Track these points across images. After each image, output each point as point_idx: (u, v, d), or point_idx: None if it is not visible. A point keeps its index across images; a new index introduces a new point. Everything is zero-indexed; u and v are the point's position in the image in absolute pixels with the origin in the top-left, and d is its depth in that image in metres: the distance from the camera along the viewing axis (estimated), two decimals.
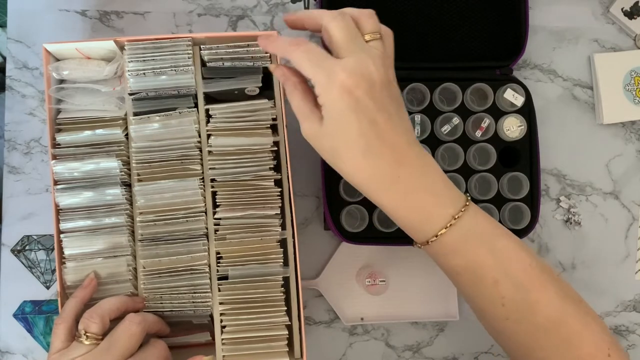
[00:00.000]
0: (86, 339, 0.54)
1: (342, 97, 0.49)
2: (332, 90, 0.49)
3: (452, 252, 0.55)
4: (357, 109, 0.50)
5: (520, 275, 0.54)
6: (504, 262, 0.54)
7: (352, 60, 0.50)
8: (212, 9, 0.77)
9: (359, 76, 0.49)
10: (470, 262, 0.55)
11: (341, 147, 0.52)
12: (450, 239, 0.54)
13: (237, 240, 0.61)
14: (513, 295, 0.54)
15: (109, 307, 0.56)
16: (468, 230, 0.54)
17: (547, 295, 0.54)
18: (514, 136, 0.73)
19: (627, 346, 0.79)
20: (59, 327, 0.56)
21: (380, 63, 0.51)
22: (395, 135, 0.52)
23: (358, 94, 0.49)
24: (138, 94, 0.62)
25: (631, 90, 0.80)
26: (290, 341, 0.62)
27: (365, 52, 0.51)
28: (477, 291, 0.56)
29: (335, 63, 0.50)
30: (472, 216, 0.55)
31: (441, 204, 0.54)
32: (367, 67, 0.50)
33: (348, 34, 0.51)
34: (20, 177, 0.73)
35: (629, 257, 0.79)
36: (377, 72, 0.50)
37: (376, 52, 0.51)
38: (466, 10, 0.75)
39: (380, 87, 0.51)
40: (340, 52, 0.50)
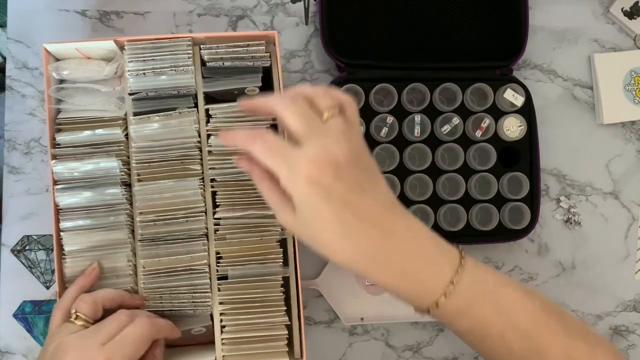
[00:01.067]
0: (76, 319, 0.55)
1: (309, 189, 0.47)
2: (297, 183, 0.47)
3: (454, 316, 0.54)
4: (328, 197, 0.48)
5: (525, 323, 0.53)
6: (508, 315, 0.53)
7: (313, 148, 0.47)
8: (212, 9, 0.77)
9: (322, 163, 0.47)
10: (475, 323, 0.53)
11: (319, 235, 0.50)
12: (451, 305, 0.52)
13: (237, 240, 0.61)
14: (520, 345, 0.53)
15: (104, 294, 0.57)
16: (468, 292, 0.53)
17: (553, 338, 0.54)
18: (514, 136, 0.73)
19: (627, 346, 0.79)
20: (55, 312, 0.56)
21: (343, 140, 0.48)
22: (374, 208, 0.50)
23: (325, 182, 0.47)
24: (138, 94, 0.62)
25: (631, 90, 0.80)
26: (290, 341, 0.62)
27: (325, 134, 0.48)
28: (486, 346, 0.55)
29: (296, 154, 0.47)
30: (469, 274, 0.53)
31: (436, 272, 0.52)
32: (329, 151, 0.47)
33: (303, 120, 0.48)
34: (20, 177, 0.73)
35: (629, 257, 0.79)
36: (341, 151, 0.48)
37: (336, 130, 0.49)
38: (466, 10, 0.75)
39: (348, 166, 0.48)
40: (299, 140, 0.48)
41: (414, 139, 0.72)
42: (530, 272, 0.78)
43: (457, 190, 0.72)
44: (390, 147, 0.72)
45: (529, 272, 0.78)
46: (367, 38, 0.75)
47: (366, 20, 0.74)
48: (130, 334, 0.53)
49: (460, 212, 0.72)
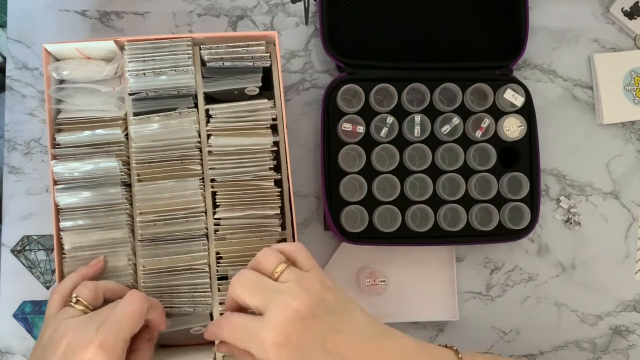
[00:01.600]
0: (76, 303, 0.55)
1: (281, 354, 0.48)
2: (269, 354, 0.48)
3: None
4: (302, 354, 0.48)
5: None
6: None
7: (272, 314, 0.48)
8: (212, 9, 0.77)
9: (284, 325, 0.48)
10: None
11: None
12: None
13: (237, 240, 0.61)
14: None
15: (106, 284, 0.57)
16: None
17: None
18: (514, 136, 0.73)
19: (627, 346, 0.79)
20: (53, 296, 0.56)
21: (298, 292, 0.49)
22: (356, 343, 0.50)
23: (294, 340, 0.48)
24: (138, 94, 0.62)
25: (631, 90, 0.80)
26: None
27: (278, 294, 0.49)
28: None
29: (259, 327, 0.48)
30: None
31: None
32: (287, 310, 0.48)
33: (254, 290, 0.50)
34: (20, 177, 0.73)
35: (629, 257, 0.79)
36: (301, 303, 0.48)
37: (289, 284, 0.49)
38: (466, 10, 0.75)
39: (312, 314, 0.48)
40: (259, 310, 0.49)
41: (414, 139, 0.72)
42: (530, 272, 0.78)
43: (457, 190, 0.72)
44: (390, 147, 0.72)
45: (529, 272, 0.78)
46: (367, 38, 0.75)
47: (366, 20, 0.74)
48: (124, 311, 0.53)
49: (460, 212, 0.72)
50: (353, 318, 0.51)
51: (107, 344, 0.50)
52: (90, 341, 0.50)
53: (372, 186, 0.71)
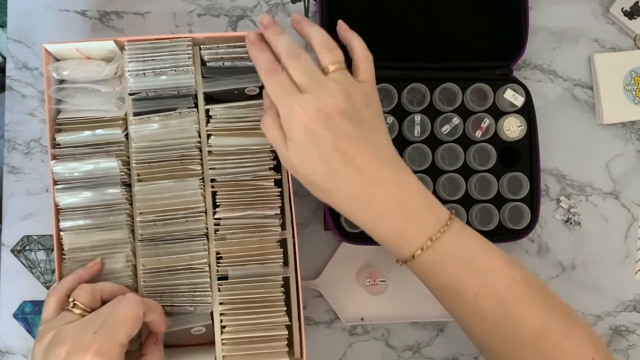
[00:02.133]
0: (73, 307, 0.55)
1: (299, 131, 0.52)
2: (291, 124, 0.53)
3: (431, 271, 0.56)
4: (316, 141, 0.52)
5: (502, 289, 0.55)
6: (485, 277, 0.55)
7: (308, 97, 0.52)
8: (212, 9, 0.77)
9: (313, 111, 0.52)
10: (451, 280, 0.55)
11: (310, 174, 0.54)
12: (428, 259, 0.55)
13: (237, 240, 0.61)
14: (494, 309, 0.54)
15: (104, 286, 0.57)
16: (447, 250, 0.55)
17: (530, 308, 0.54)
18: (514, 136, 0.73)
19: (627, 346, 0.79)
20: (50, 298, 0.56)
21: (338, 94, 0.53)
22: (365, 156, 0.54)
23: (314, 127, 0.52)
24: (138, 94, 0.62)
25: (631, 90, 0.80)
26: (290, 341, 0.62)
27: (322, 86, 0.53)
28: (459, 307, 0.57)
29: (295, 100, 0.53)
30: (453, 235, 0.55)
31: (418, 225, 0.55)
32: (321, 102, 0.52)
33: (304, 75, 0.53)
34: (20, 177, 0.73)
35: (629, 257, 0.79)
36: (334, 104, 0.52)
37: (334, 84, 0.53)
38: (466, 10, 0.75)
39: (339, 117, 0.53)
40: (301, 89, 0.53)
41: (414, 139, 0.72)
42: None
43: (457, 190, 0.72)
44: None
45: None
46: (367, 38, 0.74)
47: (366, 20, 0.74)
48: (120, 315, 0.53)
49: (460, 212, 0.72)
50: (376, 139, 0.55)
51: (103, 350, 0.50)
52: (88, 347, 0.50)
53: None
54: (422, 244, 0.55)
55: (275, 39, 0.55)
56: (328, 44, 0.55)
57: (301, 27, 0.57)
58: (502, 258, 0.56)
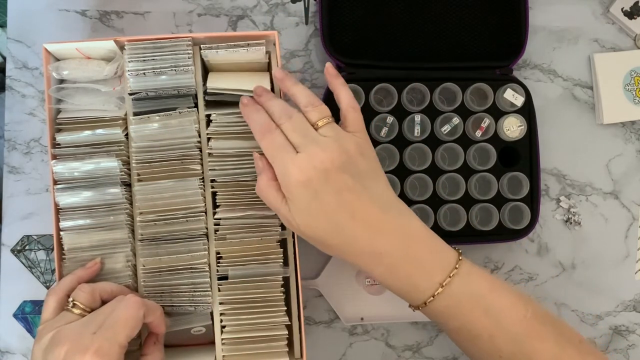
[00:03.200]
0: (73, 307, 0.55)
1: (297, 189, 0.53)
2: (289, 185, 0.53)
3: (445, 316, 0.56)
4: (316, 199, 0.53)
5: (516, 327, 0.55)
6: (498, 318, 0.55)
7: (303, 156, 0.53)
8: (212, 9, 0.77)
9: (310, 170, 0.53)
10: (464, 323, 0.56)
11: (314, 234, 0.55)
12: (440, 305, 0.55)
13: (237, 240, 0.61)
14: (510, 348, 0.55)
15: (103, 286, 0.57)
16: (459, 295, 0.55)
17: (544, 344, 0.55)
18: (514, 136, 0.73)
19: (627, 346, 0.79)
20: (49, 298, 0.56)
21: (333, 148, 0.53)
22: (369, 209, 0.54)
23: (313, 186, 0.53)
24: (138, 93, 0.62)
25: (631, 90, 0.80)
26: (290, 341, 0.62)
27: (315, 143, 0.54)
28: (475, 347, 0.57)
29: (290, 159, 0.53)
30: (463, 277, 0.56)
31: (427, 273, 0.55)
32: (317, 158, 0.53)
33: (297, 133, 0.54)
34: (20, 177, 0.73)
35: (629, 257, 0.79)
36: (330, 158, 0.53)
37: (326, 138, 0.54)
38: (466, 10, 0.75)
39: (337, 172, 0.53)
40: (296, 148, 0.54)
41: (414, 139, 0.72)
42: (530, 272, 0.78)
43: (457, 190, 0.72)
44: (390, 147, 0.72)
45: (529, 272, 0.78)
46: (367, 38, 0.75)
47: (366, 20, 0.74)
48: (119, 316, 0.53)
49: (460, 212, 0.72)
50: (376, 187, 0.56)
51: (103, 351, 0.50)
52: (87, 348, 0.50)
53: None
54: (433, 291, 0.55)
55: (269, 104, 0.57)
56: (313, 102, 0.56)
57: (286, 87, 0.58)
58: (513, 295, 0.57)
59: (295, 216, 0.54)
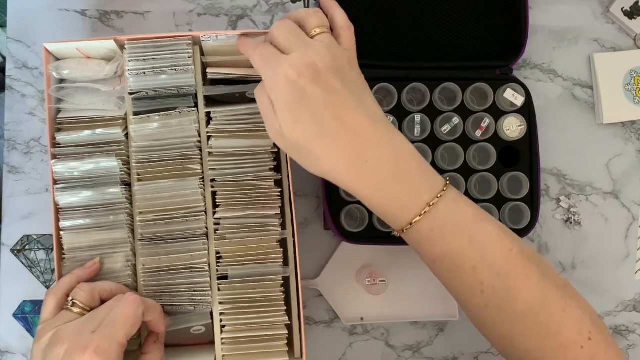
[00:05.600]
0: (72, 306, 0.55)
1: (286, 88, 0.51)
2: (277, 84, 0.51)
3: (428, 240, 0.54)
4: (304, 96, 0.51)
5: (500, 261, 0.53)
6: (483, 248, 0.53)
7: (295, 55, 0.51)
8: (212, 8, 0.77)
9: (301, 67, 0.51)
10: (448, 250, 0.54)
11: (299, 138, 0.52)
12: (425, 227, 0.53)
13: (237, 240, 0.61)
14: (492, 282, 0.53)
15: (102, 285, 0.57)
16: (445, 218, 0.53)
17: (527, 281, 0.53)
18: (514, 136, 0.73)
19: (627, 346, 0.79)
20: (48, 298, 0.56)
21: (324, 52, 0.52)
22: (357, 116, 0.52)
23: (301, 82, 0.51)
24: (138, 93, 0.62)
25: (631, 90, 0.80)
26: (290, 341, 0.62)
27: (308, 45, 0.52)
28: (456, 279, 0.55)
29: (281, 59, 0.51)
30: (450, 202, 0.54)
31: (414, 191, 0.53)
32: (309, 58, 0.51)
33: (289, 34, 0.53)
34: (20, 177, 0.73)
35: (629, 257, 0.79)
36: (322, 60, 0.51)
37: (320, 44, 0.52)
38: (466, 10, 0.75)
39: (327, 73, 0.51)
40: (286, 51, 0.52)
41: (414, 138, 0.72)
42: None
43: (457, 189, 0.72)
44: None
45: None
46: (367, 38, 0.74)
47: (366, 20, 0.74)
48: (119, 315, 0.53)
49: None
50: (365, 99, 0.54)
51: (102, 349, 0.50)
52: (86, 346, 0.50)
53: None
54: (420, 210, 0.53)
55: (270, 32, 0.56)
56: (313, 10, 0.55)
57: None
58: (499, 228, 0.55)
59: (280, 118, 0.52)
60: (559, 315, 0.54)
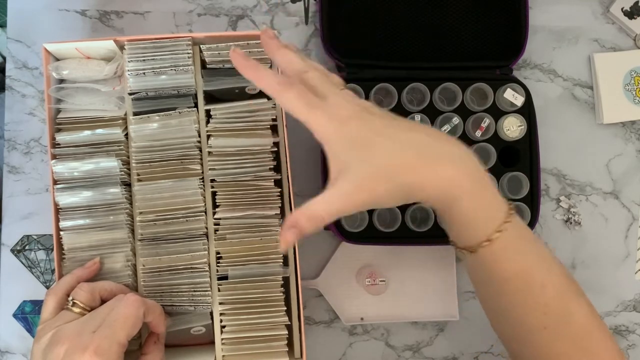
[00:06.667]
0: (73, 306, 0.55)
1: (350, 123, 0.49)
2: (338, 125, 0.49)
3: (502, 257, 0.52)
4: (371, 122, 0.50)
5: (562, 282, 0.53)
6: (550, 265, 0.53)
7: (335, 98, 0.50)
8: (212, 8, 0.77)
9: (348, 105, 0.50)
10: (522, 266, 0.52)
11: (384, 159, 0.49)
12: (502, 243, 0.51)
13: (237, 240, 0.61)
14: (556, 303, 0.53)
15: (103, 285, 0.57)
16: (519, 233, 0.52)
17: (580, 306, 0.54)
18: (514, 136, 0.73)
19: (627, 346, 0.79)
20: (48, 298, 0.56)
21: (357, 98, 0.52)
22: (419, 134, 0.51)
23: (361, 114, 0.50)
24: (138, 93, 0.62)
25: (631, 90, 0.80)
26: (290, 341, 0.62)
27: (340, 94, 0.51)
28: (523, 298, 0.53)
29: (325, 103, 0.50)
30: (517, 220, 0.53)
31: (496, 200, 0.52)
32: (349, 100, 0.51)
33: (323, 81, 0.51)
34: (20, 177, 0.73)
35: (629, 257, 0.79)
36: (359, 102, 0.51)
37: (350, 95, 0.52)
38: (466, 10, 0.75)
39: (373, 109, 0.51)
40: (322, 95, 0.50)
41: None
42: None
43: None
44: None
45: None
46: (367, 38, 0.75)
47: (366, 20, 0.74)
48: (119, 315, 0.52)
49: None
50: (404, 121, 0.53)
51: (102, 349, 0.50)
52: (86, 346, 0.50)
53: None
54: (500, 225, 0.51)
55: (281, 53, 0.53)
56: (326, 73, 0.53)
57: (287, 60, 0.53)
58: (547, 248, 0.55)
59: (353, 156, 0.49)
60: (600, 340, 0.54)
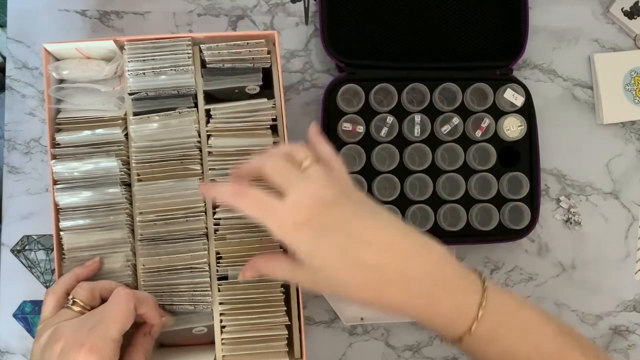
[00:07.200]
0: (73, 304, 0.55)
1: (301, 232, 0.48)
2: (288, 232, 0.48)
3: (485, 343, 0.51)
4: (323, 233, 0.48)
5: (548, 345, 0.52)
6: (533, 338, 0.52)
7: (294, 195, 0.48)
8: (212, 9, 0.77)
9: (306, 205, 0.48)
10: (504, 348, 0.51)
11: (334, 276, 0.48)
12: (482, 331, 0.50)
13: (237, 240, 0.61)
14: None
15: (103, 284, 0.57)
16: (496, 315, 0.51)
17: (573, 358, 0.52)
18: (514, 136, 0.73)
19: (627, 346, 0.79)
20: (48, 297, 0.56)
21: (325, 183, 0.49)
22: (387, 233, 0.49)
23: (314, 221, 0.47)
24: (138, 93, 0.62)
25: (631, 90, 0.80)
26: (290, 341, 0.62)
27: (304, 181, 0.49)
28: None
29: (281, 205, 0.48)
30: (495, 296, 0.51)
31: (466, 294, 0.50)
32: (312, 194, 0.48)
33: (282, 172, 0.49)
34: (20, 177, 0.73)
35: (629, 257, 0.79)
36: (325, 192, 0.48)
37: (315, 174, 0.49)
38: (466, 10, 0.75)
39: (336, 202, 0.48)
40: (282, 191, 0.49)
41: (414, 139, 0.72)
42: (530, 272, 0.78)
43: (457, 190, 0.72)
44: (390, 147, 0.72)
45: (529, 272, 0.78)
46: (367, 38, 0.75)
47: (366, 20, 0.74)
48: (110, 311, 0.53)
49: (460, 212, 0.72)
50: (383, 214, 0.51)
51: (96, 347, 0.50)
52: (82, 344, 0.50)
53: (372, 186, 0.71)
54: (475, 313, 0.50)
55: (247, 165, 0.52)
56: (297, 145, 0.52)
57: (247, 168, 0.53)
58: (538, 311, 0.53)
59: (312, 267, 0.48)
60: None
